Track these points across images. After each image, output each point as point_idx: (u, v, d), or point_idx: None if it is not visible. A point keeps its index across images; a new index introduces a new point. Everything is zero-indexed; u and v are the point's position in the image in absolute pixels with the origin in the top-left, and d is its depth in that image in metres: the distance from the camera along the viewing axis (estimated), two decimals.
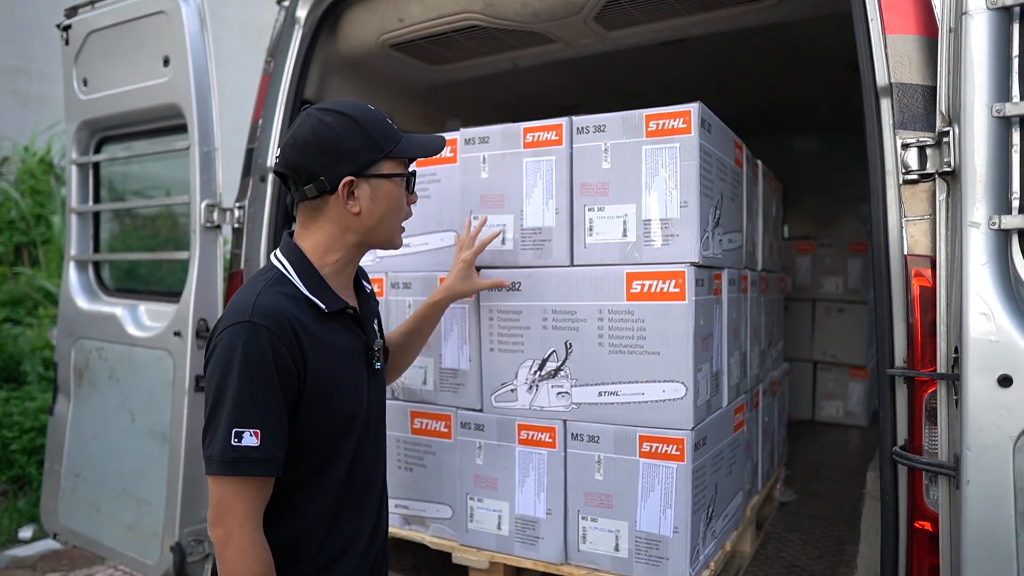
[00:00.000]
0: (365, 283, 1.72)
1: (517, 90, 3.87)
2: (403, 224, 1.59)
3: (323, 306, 1.44)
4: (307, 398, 1.37)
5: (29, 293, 6.66)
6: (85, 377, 3.06)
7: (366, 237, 1.51)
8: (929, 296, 1.64)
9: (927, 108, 1.69)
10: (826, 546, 2.87)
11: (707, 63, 3.64)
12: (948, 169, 1.57)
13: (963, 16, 1.47)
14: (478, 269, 2.17)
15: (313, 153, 1.43)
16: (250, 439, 1.28)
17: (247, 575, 1.30)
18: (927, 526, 1.65)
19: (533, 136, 2.10)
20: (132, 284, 4.05)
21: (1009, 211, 1.46)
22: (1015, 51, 1.46)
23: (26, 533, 4.58)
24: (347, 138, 1.44)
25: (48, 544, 4.37)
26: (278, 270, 1.47)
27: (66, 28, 3.04)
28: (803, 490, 3.51)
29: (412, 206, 1.60)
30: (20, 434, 5.08)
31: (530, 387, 2.10)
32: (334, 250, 1.50)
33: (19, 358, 5.70)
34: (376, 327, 1.68)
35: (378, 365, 1.58)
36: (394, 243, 1.58)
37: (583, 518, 2.04)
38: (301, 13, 2.75)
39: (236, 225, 2.75)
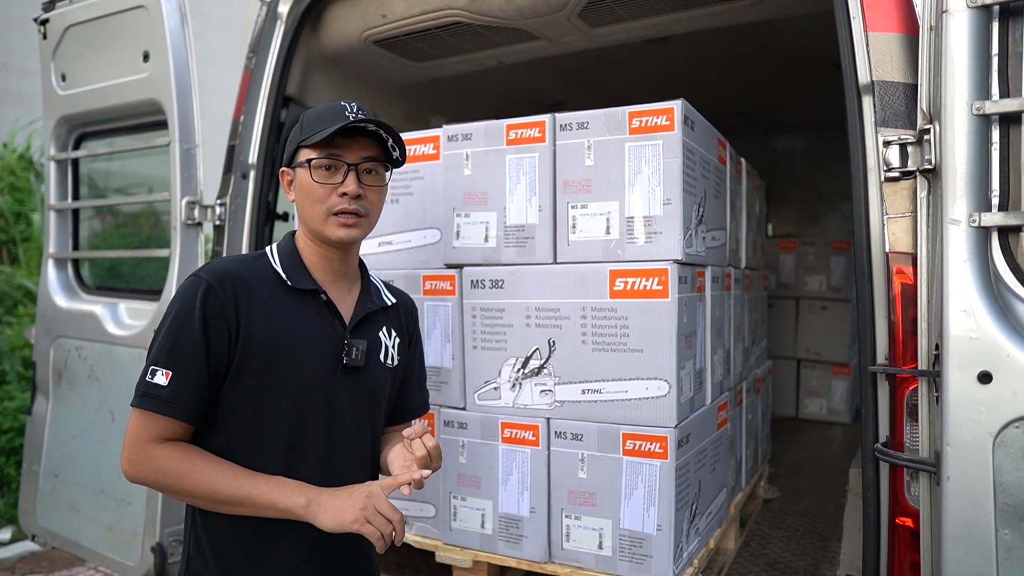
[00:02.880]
0: (388, 296, 1.66)
1: (501, 87, 3.86)
2: (334, 212, 1.45)
3: (286, 279, 1.46)
4: (239, 360, 1.38)
5: (8, 292, 6.57)
6: (64, 376, 3.02)
7: (306, 225, 1.51)
8: (910, 293, 1.64)
9: (908, 106, 1.70)
10: (809, 543, 2.89)
11: (692, 60, 3.65)
12: (929, 167, 1.57)
13: (943, 14, 1.48)
14: (461, 267, 2.16)
15: None
16: (160, 378, 1.34)
17: (166, 472, 1.34)
18: (908, 522, 1.66)
19: (516, 133, 2.09)
20: (114, 282, 4.00)
21: (989, 208, 1.46)
22: (995, 49, 1.47)
23: (4, 535, 4.52)
24: (291, 134, 1.54)
25: (27, 546, 4.30)
26: (264, 249, 1.55)
27: (44, 22, 3.00)
28: (787, 487, 3.52)
29: (342, 196, 1.45)
30: None
31: (513, 385, 2.09)
32: (301, 238, 1.54)
33: None
34: (390, 341, 1.61)
35: (346, 360, 1.48)
36: (324, 232, 1.46)
37: (567, 516, 2.04)
38: (283, 9, 2.73)
39: (217, 222, 2.72)
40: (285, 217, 2.89)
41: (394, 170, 1.60)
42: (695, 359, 2.11)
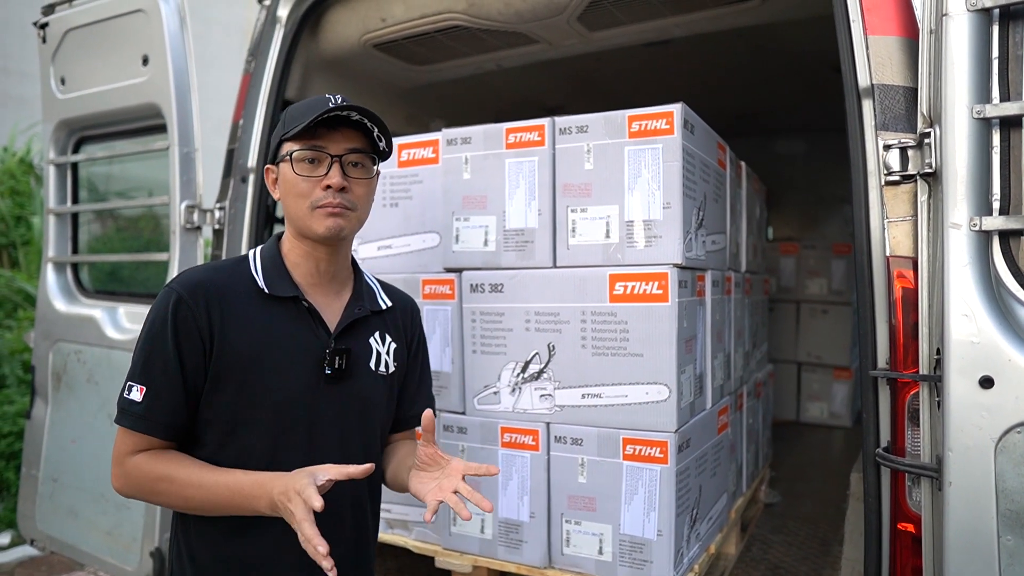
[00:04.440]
0: (384, 299, 1.59)
1: (500, 91, 3.85)
2: (318, 206, 1.38)
3: (264, 286, 1.40)
4: (214, 372, 1.34)
5: (8, 295, 6.57)
6: (63, 380, 3.01)
7: (290, 222, 1.44)
8: (911, 297, 1.63)
9: (908, 109, 1.69)
10: (811, 548, 2.88)
11: (692, 64, 3.64)
12: (929, 170, 1.57)
13: (943, 18, 1.47)
14: (461, 271, 2.16)
15: None
16: (135, 394, 1.33)
17: (146, 480, 1.34)
18: (910, 528, 1.65)
19: (515, 137, 2.09)
20: (114, 286, 4.00)
21: (990, 212, 1.46)
22: (995, 53, 1.46)
23: (3, 539, 4.51)
24: (276, 130, 1.48)
25: (26, 550, 4.30)
26: (248, 253, 1.49)
27: (43, 26, 3.00)
28: (788, 492, 3.51)
29: (326, 189, 1.38)
30: None
31: (513, 389, 2.09)
32: (287, 239, 1.48)
33: None
34: (383, 347, 1.54)
35: (328, 370, 1.41)
36: (308, 227, 1.39)
37: (567, 521, 2.03)
38: (283, 12, 2.72)
39: (216, 226, 2.71)
40: (284, 221, 2.88)
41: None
42: (695, 363, 2.10)
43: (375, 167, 1.47)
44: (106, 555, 2.78)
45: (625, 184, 1.95)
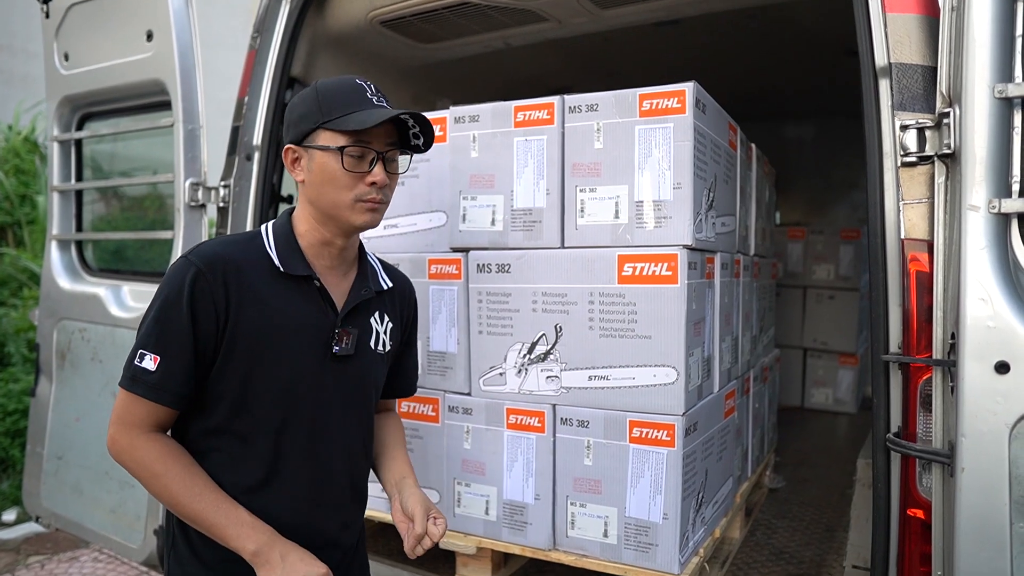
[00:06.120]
0: (385, 279, 1.63)
1: (508, 70, 3.81)
2: (362, 201, 1.42)
3: (279, 264, 1.42)
4: (227, 347, 1.37)
5: (13, 274, 6.57)
6: (68, 359, 3.01)
7: (317, 208, 1.45)
8: (926, 281, 1.61)
9: (927, 89, 1.66)
10: (815, 533, 2.87)
11: (702, 45, 3.60)
12: (948, 151, 1.54)
13: None
14: (467, 250, 2.14)
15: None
16: (148, 363, 1.33)
17: (141, 466, 1.34)
18: (920, 514, 1.64)
19: (524, 115, 2.06)
20: (118, 265, 3.99)
21: (1009, 195, 1.43)
22: (1019, 30, 1.43)
23: (9, 516, 4.54)
24: (297, 107, 1.46)
25: (31, 527, 4.33)
26: (260, 228, 1.51)
27: (47, 1, 2.97)
28: (792, 477, 3.50)
29: (371, 185, 1.42)
30: (3, 416, 5.03)
31: (519, 371, 2.07)
32: (303, 219, 1.48)
33: (3, 340, 5.64)
34: (381, 327, 1.59)
35: (336, 349, 1.46)
36: (346, 219, 1.43)
37: (572, 504, 2.02)
38: None
39: (221, 204, 2.69)
40: (290, 199, 2.86)
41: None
42: (703, 346, 2.08)
43: (407, 160, 1.56)
44: (110, 532, 2.79)
45: (635, 164, 1.93)
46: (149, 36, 2.66)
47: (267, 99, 2.69)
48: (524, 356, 2.06)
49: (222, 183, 2.69)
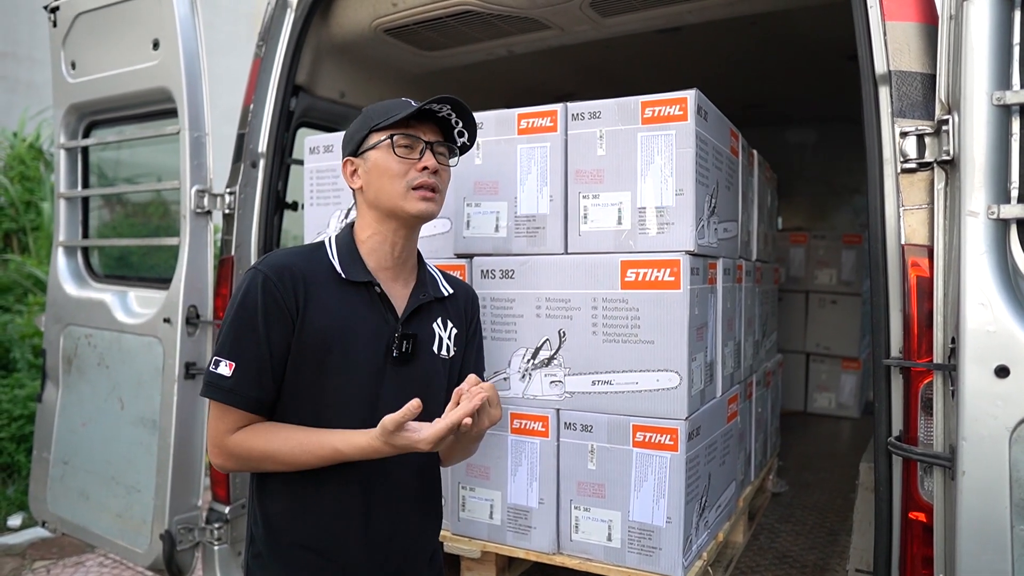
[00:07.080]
0: (445, 286, 1.69)
1: (511, 78, 3.83)
2: (414, 186, 1.51)
3: (341, 271, 1.50)
4: (296, 351, 1.44)
5: (19, 280, 6.60)
6: (74, 364, 3.03)
7: (378, 209, 1.54)
8: (926, 286, 1.62)
9: (926, 96, 1.67)
10: (818, 537, 2.88)
11: (703, 52, 3.62)
12: (947, 158, 1.55)
13: (964, 2, 1.45)
14: (471, 256, 2.15)
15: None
16: (224, 369, 1.40)
17: (248, 464, 1.44)
18: (921, 517, 1.65)
19: (527, 122, 2.08)
20: (124, 271, 4.01)
21: (1008, 200, 1.44)
22: (1016, 38, 1.44)
23: (15, 521, 4.56)
24: (350, 129, 1.61)
25: (37, 532, 4.34)
26: (323, 239, 1.60)
27: (54, 10, 2.99)
28: (795, 481, 3.51)
29: (422, 170, 1.52)
30: (9, 422, 5.04)
31: (523, 376, 2.09)
32: (364, 227, 1.57)
33: (8, 345, 5.66)
34: (445, 332, 1.63)
35: (395, 353, 1.51)
36: (404, 208, 1.51)
37: (576, 508, 2.03)
38: None
39: (227, 211, 2.71)
40: (295, 206, 2.88)
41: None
42: (706, 351, 2.10)
43: (455, 158, 1.65)
44: (116, 537, 2.80)
45: (638, 170, 1.94)
46: (155, 45, 2.68)
47: (272, 107, 2.71)
48: (528, 361, 2.08)
49: (227, 190, 2.71)
